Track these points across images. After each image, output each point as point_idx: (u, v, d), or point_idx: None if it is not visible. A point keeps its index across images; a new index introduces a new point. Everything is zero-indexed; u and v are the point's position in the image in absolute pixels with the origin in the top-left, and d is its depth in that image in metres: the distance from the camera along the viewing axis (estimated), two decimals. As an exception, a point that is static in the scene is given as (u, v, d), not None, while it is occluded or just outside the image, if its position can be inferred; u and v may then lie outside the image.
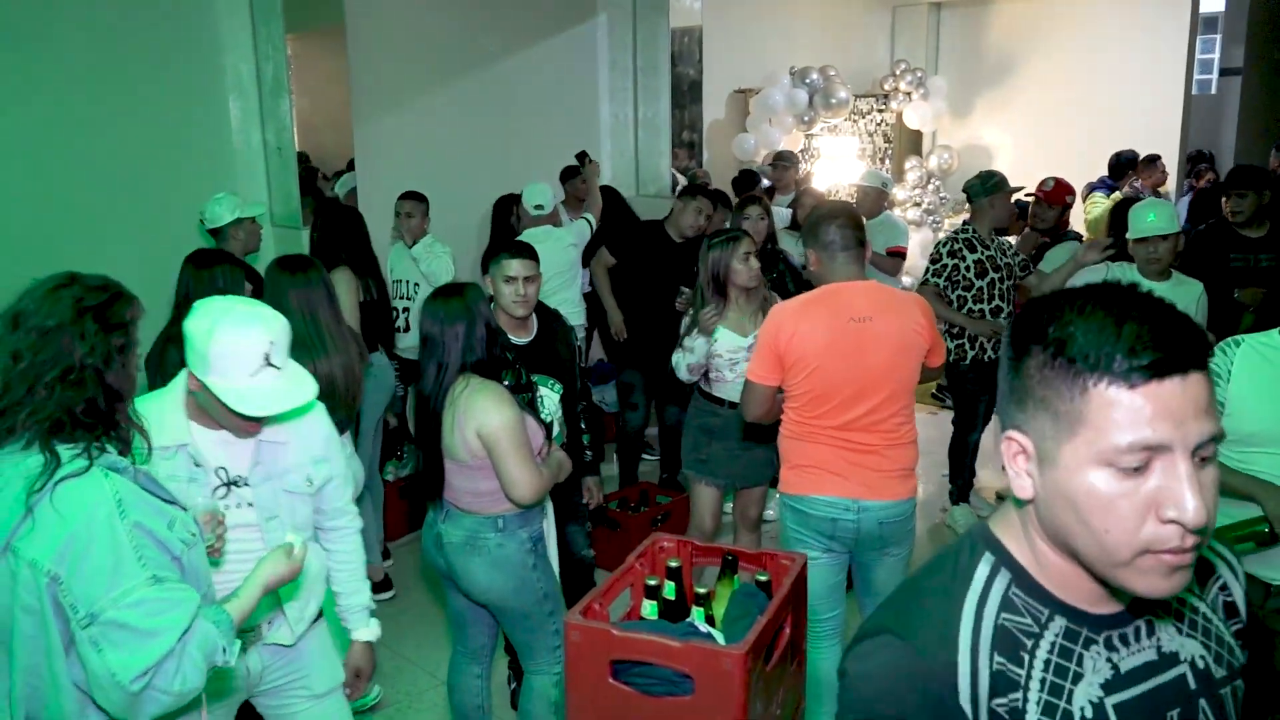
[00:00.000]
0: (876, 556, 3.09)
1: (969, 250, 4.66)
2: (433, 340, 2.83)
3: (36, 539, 1.66)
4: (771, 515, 5.26)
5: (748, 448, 3.89)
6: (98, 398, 1.75)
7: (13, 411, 1.72)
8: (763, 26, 8.92)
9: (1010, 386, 1.06)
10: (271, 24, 5.51)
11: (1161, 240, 3.92)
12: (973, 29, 10.23)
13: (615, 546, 4.39)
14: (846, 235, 2.97)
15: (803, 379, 2.96)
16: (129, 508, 1.70)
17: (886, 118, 9.68)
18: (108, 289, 1.83)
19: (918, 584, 1.17)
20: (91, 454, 1.73)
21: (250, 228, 4.59)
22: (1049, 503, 1.03)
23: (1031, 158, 9.33)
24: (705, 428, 3.94)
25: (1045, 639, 1.07)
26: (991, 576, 1.11)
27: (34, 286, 1.82)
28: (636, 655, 2.41)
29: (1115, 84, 9.14)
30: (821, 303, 2.98)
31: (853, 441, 2.96)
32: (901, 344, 2.95)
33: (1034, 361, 1.02)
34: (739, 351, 3.79)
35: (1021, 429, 1.05)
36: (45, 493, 1.67)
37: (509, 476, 2.71)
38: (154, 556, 1.71)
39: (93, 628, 1.64)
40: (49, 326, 1.74)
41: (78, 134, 4.91)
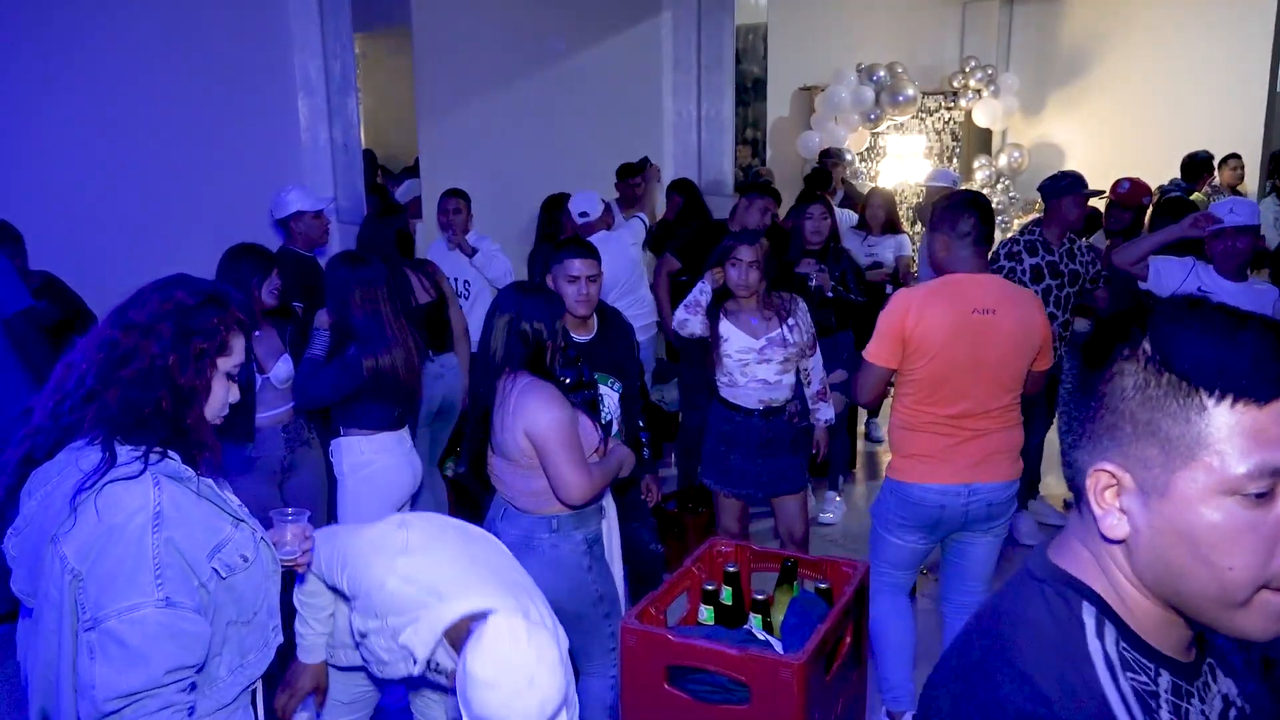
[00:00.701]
0: (980, 535, 3.16)
1: (1029, 254, 4.52)
2: (491, 325, 2.85)
3: (73, 535, 1.65)
4: (830, 518, 5.20)
5: (769, 456, 3.77)
6: (165, 400, 1.72)
7: (86, 402, 1.72)
8: (829, 23, 8.82)
9: (1094, 413, 0.94)
10: (340, 23, 5.57)
11: (1238, 234, 3.78)
12: (1045, 24, 10.01)
13: (673, 548, 4.37)
14: (981, 228, 3.02)
15: (922, 365, 2.99)
16: (167, 522, 1.67)
17: (955, 115, 9.51)
18: (204, 294, 1.80)
19: (1018, 647, 0.97)
20: (149, 459, 1.70)
21: (312, 221, 4.60)
22: (1154, 541, 0.91)
23: (1105, 157, 9.11)
24: (723, 436, 3.82)
25: (1162, 698, 0.96)
26: (1100, 630, 0.96)
27: (147, 285, 1.82)
28: (693, 661, 2.39)
29: (1194, 80, 8.88)
30: (947, 291, 3.01)
31: (966, 428, 3.02)
32: (1020, 339, 3.01)
33: (1129, 381, 0.91)
34: (749, 354, 3.69)
35: (1113, 460, 0.92)
36: (92, 491, 1.65)
37: (557, 477, 2.70)
38: (175, 578, 1.67)
39: (92, 633, 1.63)
40: (134, 324, 1.73)
41: (149, 131, 5.01)
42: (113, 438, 1.70)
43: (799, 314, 3.76)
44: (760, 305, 3.73)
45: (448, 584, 2.03)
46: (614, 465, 2.94)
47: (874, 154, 8.91)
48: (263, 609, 1.87)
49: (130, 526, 1.64)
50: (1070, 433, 0.99)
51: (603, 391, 3.36)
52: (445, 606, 1.99)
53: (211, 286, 1.83)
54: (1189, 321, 0.89)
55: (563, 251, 3.37)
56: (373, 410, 3.43)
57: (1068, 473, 1.01)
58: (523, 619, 1.94)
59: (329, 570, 2.22)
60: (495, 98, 6.47)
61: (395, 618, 2.07)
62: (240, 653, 1.84)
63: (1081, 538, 1.00)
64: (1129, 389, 0.91)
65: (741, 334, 3.71)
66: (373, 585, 2.07)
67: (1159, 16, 9.17)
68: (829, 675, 2.51)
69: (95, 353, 1.74)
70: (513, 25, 6.53)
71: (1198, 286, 3.82)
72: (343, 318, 3.38)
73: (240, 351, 1.84)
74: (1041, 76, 9.93)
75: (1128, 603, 0.97)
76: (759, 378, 3.72)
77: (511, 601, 2.02)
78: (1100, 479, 0.93)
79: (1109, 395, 0.93)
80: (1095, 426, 0.94)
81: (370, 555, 2.11)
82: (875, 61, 8.70)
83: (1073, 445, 0.98)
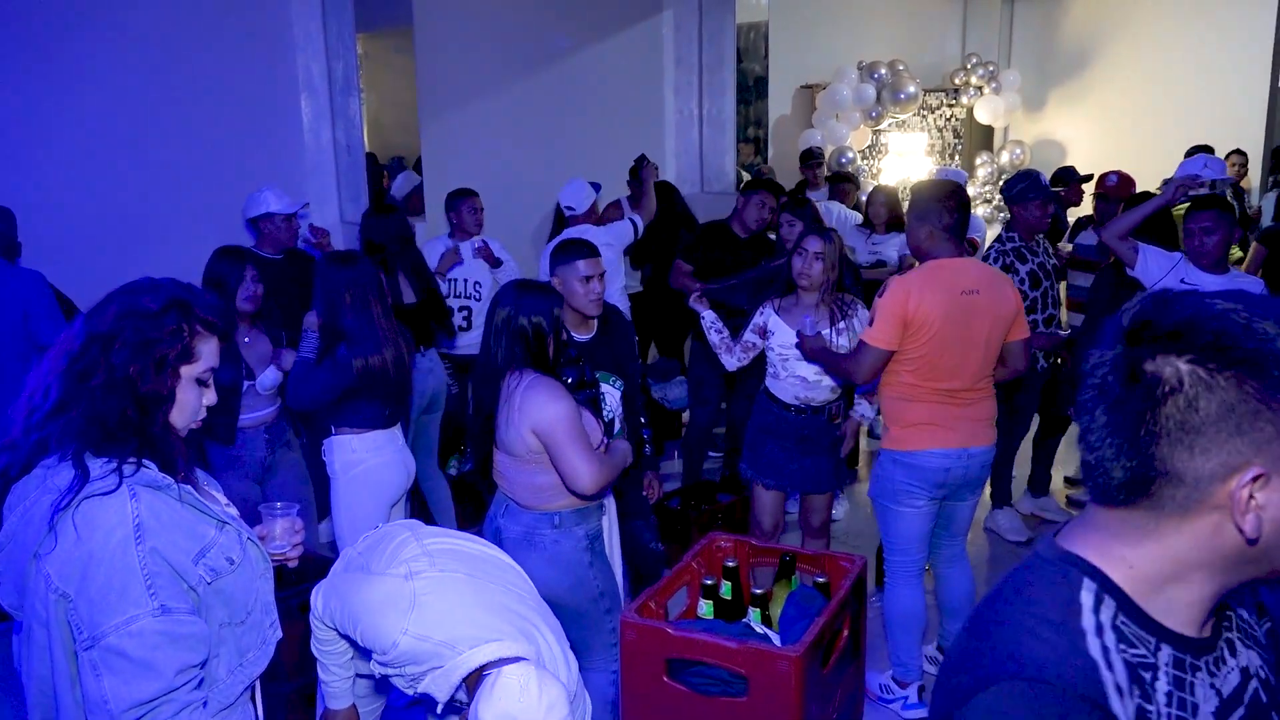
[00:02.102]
0: (966, 495, 3.47)
1: (1020, 261, 4.51)
2: (490, 324, 2.86)
3: (55, 554, 1.64)
4: (838, 517, 5.22)
5: (807, 453, 3.84)
6: (130, 410, 1.69)
7: (53, 417, 1.69)
8: (830, 21, 8.84)
9: (1213, 417, 0.93)
10: (342, 23, 5.59)
11: (1206, 234, 3.79)
12: (1047, 21, 10.01)
13: (675, 544, 4.38)
14: (963, 218, 3.31)
15: (922, 343, 3.21)
16: (148, 532, 1.65)
17: (957, 112, 9.52)
18: (167, 299, 1.74)
19: (1008, 617, 1.03)
20: (123, 471, 1.67)
21: (281, 224, 4.56)
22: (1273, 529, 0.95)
23: (1107, 153, 9.11)
24: (763, 427, 3.89)
25: (1160, 671, 1.00)
26: (1097, 604, 1.00)
27: (114, 291, 1.78)
28: (692, 655, 2.41)
29: (1196, 76, 8.88)
30: (938, 275, 3.25)
31: (958, 397, 3.29)
32: (1001, 314, 3.30)
33: (1249, 385, 0.92)
34: (790, 349, 3.72)
35: (1255, 461, 0.93)
36: (69, 509, 1.63)
37: (569, 468, 2.71)
38: (166, 586, 1.66)
39: (93, 651, 1.63)
40: (96, 334, 1.70)
41: (150, 131, 5.03)
42: (83, 452, 1.67)
43: (856, 318, 3.77)
44: (818, 302, 3.75)
45: (462, 638, 2.05)
46: (620, 457, 2.96)
47: (876, 151, 8.92)
48: (256, 608, 1.87)
49: (112, 544, 1.63)
50: (1131, 444, 0.97)
51: (605, 390, 3.37)
52: (461, 659, 2.03)
53: (176, 290, 1.78)
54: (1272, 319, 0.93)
55: (569, 254, 3.37)
56: (364, 409, 3.43)
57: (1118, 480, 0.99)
58: (534, 669, 1.99)
59: (341, 626, 2.22)
60: (497, 97, 6.50)
61: (412, 668, 2.10)
62: (239, 652, 1.84)
63: (1116, 532, 1.02)
64: (1243, 398, 0.92)
65: (787, 329, 3.74)
66: (387, 644, 2.08)
67: (1160, 12, 9.17)
68: (826, 667, 2.53)
69: (59, 364, 1.71)
70: (514, 24, 6.55)
71: (1181, 279, 3.84)
72: (332, 319, 3.37)
73: (210, 356, 1.79)
74: (1043, 73, 9.94)
75: (1152, 582, 1.01)
76: (798, 374, 3.75)
77: (524, 645, 2.06)
78: (1245, 491, 0.93)
79: (1227, 399, 0.93)
80: (1218, 431, 0.93)
81: (380, 615, 2.11)
82: (877, 59, 8.71)
83: (1168, 455, 0.96)
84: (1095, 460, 1.00)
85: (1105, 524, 1.03)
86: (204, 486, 1.90)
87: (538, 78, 6.71)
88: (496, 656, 2.02)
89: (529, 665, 2.00)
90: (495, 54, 6.48)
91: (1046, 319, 4.59)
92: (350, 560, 2.37)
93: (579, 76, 6.94)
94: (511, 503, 2.92)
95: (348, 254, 3.64)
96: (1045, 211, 4.55)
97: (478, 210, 5.20)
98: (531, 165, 6.50)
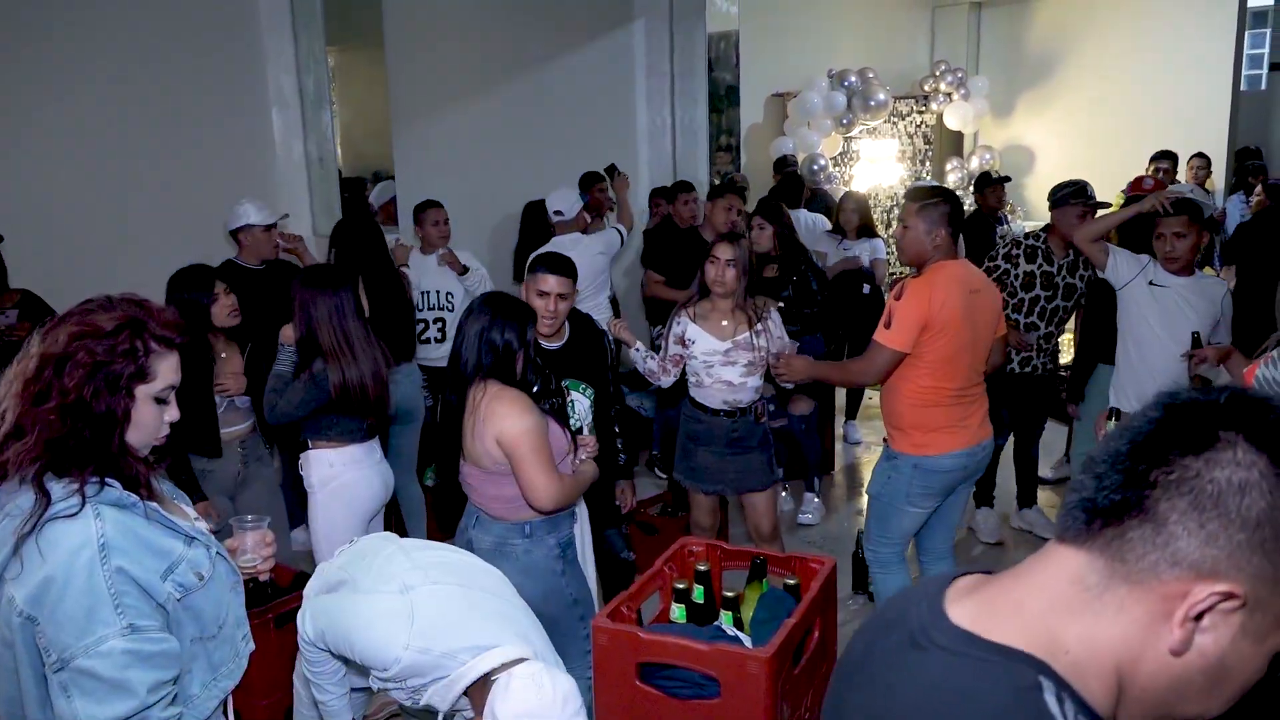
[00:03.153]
0: (964, 490, 3.63)
1: (1027, 260, 4.51)
2: (462, 333, 2.88)
3: (20, 578, 1.63)
4: (809, 519, 5.25)
5: (738, 453, 3.84)
6: (85, 431, 1.67)
7: (9, 441, 1.66)
8: (800, 29, 8.91)
9: (1217, 513, 0.83)
10: (313, 37, 5.61)
11: (1178, 238, 3.85)
12: (1014, 28, 10.14)
13: (650, 550, 4.40)
14: (961, 218, 3.51)
15: (941, 344, 3.31)
16: (113, 551, 1.65)
17: (927, 119, 9.61)
18: (122, 318, 1.72)
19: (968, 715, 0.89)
20: (85, 492, 1.66)
21: (261, 235, 4.56)
22: (1197, 665, 0.87)
23: (1075, 157, 9.23)
24: (691, 434, 3.90)
25: None
26: (1062, 708, 0.87)
27: (71, 310, 1.76)
28: (663, 658, 2.44)
29: (1161, 81, 9.01)
30: (948, 276, 3.34)
31: (966, 395, 3.42)
32: (996, 311, 3.52)
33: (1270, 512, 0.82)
34: (714, 355, 3.75)
35: (1238, 582, 0.83)
36: (34, 533, 1.62)
37: (528, 482, 2.74)
38: (134, 604, 1.66)
39: (63, 673, 1.62)
40: (49, 355, 1.68)
41: (120, 146, 5.03)
42: (43, 475, 1.66)
43: (771, 321, 3.80)
44: (734, 307, 3.77)
45: (463, 647, 2.07)
46: (585, 479, 2.98)
47: (847, 158, 9.00)
48: (228, 621, 1.87)
49: (77, 565, 1.62)
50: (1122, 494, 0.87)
51: (574, 398, 3.39)
52: (465, 669, 2.04)
53: (131, 308, 1.75)
54: None
55: (539, 264, 3.38)
56: (341, 423, 3.42)
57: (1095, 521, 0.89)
58: (542, 665, 2.03)
59: (335, 647, 2.21)
60: (469, 108, 6.52)
61: (415, 681, 2.10)
62: (211, 667, 1.84)
63: (1041, 611, 0.92)
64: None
65: (709, 336, 3.76)
66: (388, 661, 2.08)
67: (1124, 18, 9.29)
68: (798, 668, 2.56)
69: (14, 387, 1.69)
70: (485, 35, 6.58)
71: (1149, 281, 3.91)
72: (309, 333, 3.35)
73: (168, 373, 1.76)
74: (1011, 79, 10.05)
75: (1073, 667, 0.90)
76: (723, 379, 3.77)
77: (525, 647, 2.09)
78: (1208, 599, 0.84)
79: (1250, 508, 0.83)
80: (1213, 530, 0.83)
81: (378, 632, 2.11)
82: (846, 67, 8.79)
83: (1174, 524, 0.84)
84: (1092, 476, 0.89)
85: (1044, 583, 0.92)
86: (171, 501, 1.89)
87: (510, 88, 6.74)
88: (500, 662, 2.04)
89: (536, 663, 2.03)
90: (467, 65, 6.51)
91: (1028, 325, 4.60)
92: (329, 578, 2.36)
93: (551, 86, 6.97)
94: (482, 513, 2.93)
95: (324, 268, 3.64)
96: (1083, 222, 4.37)
97: (439, 222, 5.21)
98: (505, 175, 6.52)
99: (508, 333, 2.84)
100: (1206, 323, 3.84)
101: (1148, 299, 3.91)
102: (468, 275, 5.15)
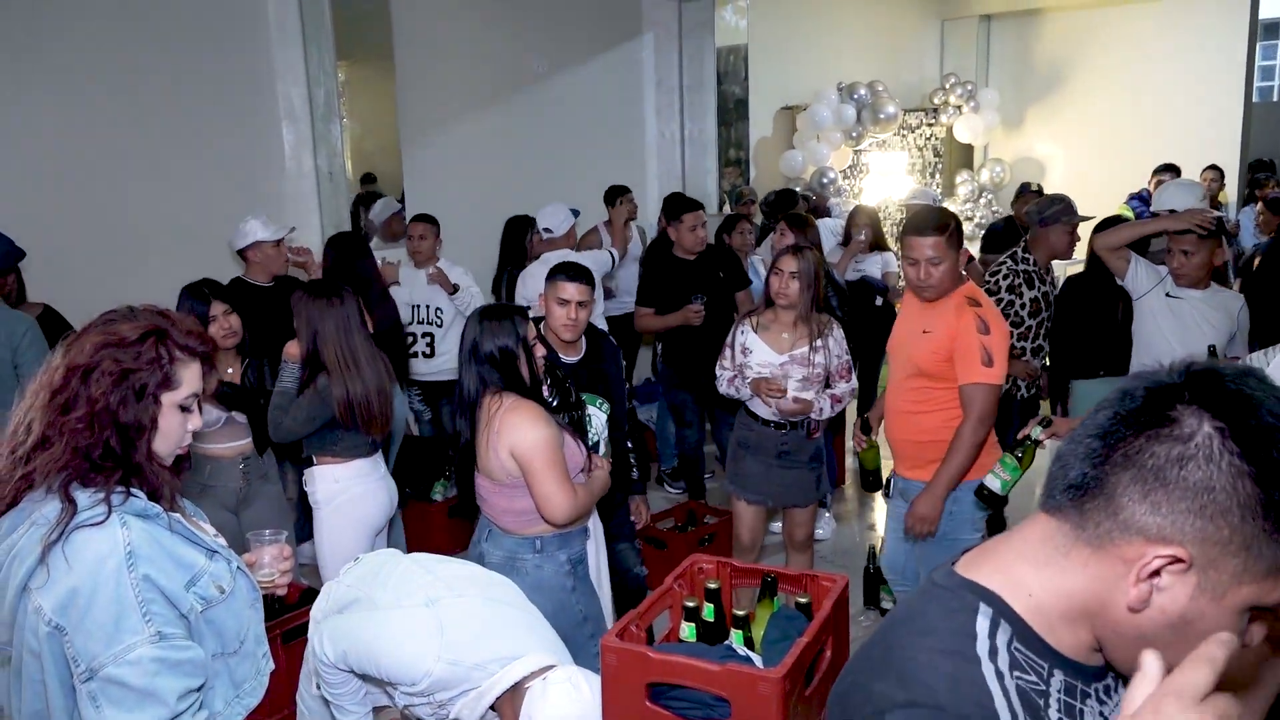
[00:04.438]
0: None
1: (1028, 286, 4.42)
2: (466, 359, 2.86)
3: (47, 586, 1.63)
4: (821, 534, 5.21)
5: (787, 467, 3.85)
6: (113, 440, 1.68)
7: (36, 451, 1.67)
8: (809, 43, 8.91)
9: (1175, 483, 0.90)
10: (323, 50, 5.62)
11: (1188, 257, 3.83)
12: (1024, 40, 10.13)
13: (660, 565, 4.37)
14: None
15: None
16: (140, 560, 1.65)
17: (936, 132, 9.60)
18: (145, 327, 1.74)
19: (907, 646, 1.02)
20: (111, 501, 1.66)
21: (270, 251, 4.56)
22: (1159, 621, 0.93)
23: (1085, 169, 9.21)
24: (742, 442, 3.91)
25: (1052, 696, 1.00)
26: (993, 630, 1.00)
27: (94, 320, 1.77)
28: (673, 678, 2.40)
29: (1172, 93, 8.99)
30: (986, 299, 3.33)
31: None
32: None
33: (1244, 486, 0.89)
34: (769, 367, 3.75)
35: (1187, 547, 0.90)
36: (60, 541, 1.62)
37: (543, 495, 2.72)
38: (161, 612, 1.65)
39: (92, 683, 1.62)
40: (75, 366, 1.69)
41: (130, 160, 5.03)
42: (69, 484, 1.66)
43: (832, 339, 3.78)
44: (796, 320, 3.76)
45: (492, 658, 2.06)
46: (598, 487, 2.96)
47: (857, 171, 8.98)
48: (249, 638, 1.86)
49: (104, 573, 1.62)
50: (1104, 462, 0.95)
51: (591, 412, 3.37)
52: (495, 679, 2.03)
53: (154, 318, 1.77)
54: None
55: (557, 272, 3.37)
56: (346, 438, 3.41)
57: (1071, 492, 0.98)
58: (574, 669, 2.04)
59: (358, 666, 2.19)
60: (479, 122, 6.52)
61: (443, 694, 2.09)
62: (234, 684, 1.83)
63: (1022, 552, 1.03)
64: (1243, 494, 0.89)
65: (766, 347, 3.77)
66: (418, 675, 2.06)
67: (1135, 30, 9.28)
68: (809, 689, 2.52)
69: (41, 398, 1.70)
70: (495, 49, 6.58)
71: (1165, 293, 3.88)
72: (314, 349, 3.34)
73: (192, 381, 1.78)
74: (1020, 91, 10.04)
75: (1049, 616, 1.00)
76: None
77: (549, 654, 2.08)
78: (1156, 560, 0.92)
79: (1206, 480, 0.90)
80: (1171, 498, 0.91)
81: (407, 648, 2.09)
82: (856, 80, 8.79)
83: (1116, 488, 0.94)
84: (1066, 453, 1.00)
85: (1020, 541, 1.04)
86: (191, 517, 1.89)
87: (519, 102, 6.75)
88: (529, 670, 2.03)
89: (570, 666, 2.02)
90: (476, 79, 6.52)
91: (1034, 349, 4.55)
92: (339, 598, 2.33)
93: (560, 100, 6.97)
94: (494, 527, 2.92)
95: (328, 283, 3.62)
96: (1072, 239, 4.46)
97: (417, 237, 5.18)
98: (513, 189, 6.51)
99: (500, 339, 2.82)
100: (1223, 336, 3.82)
101: (1164, 310, 3.88)
102: (457, 294, 5.14)
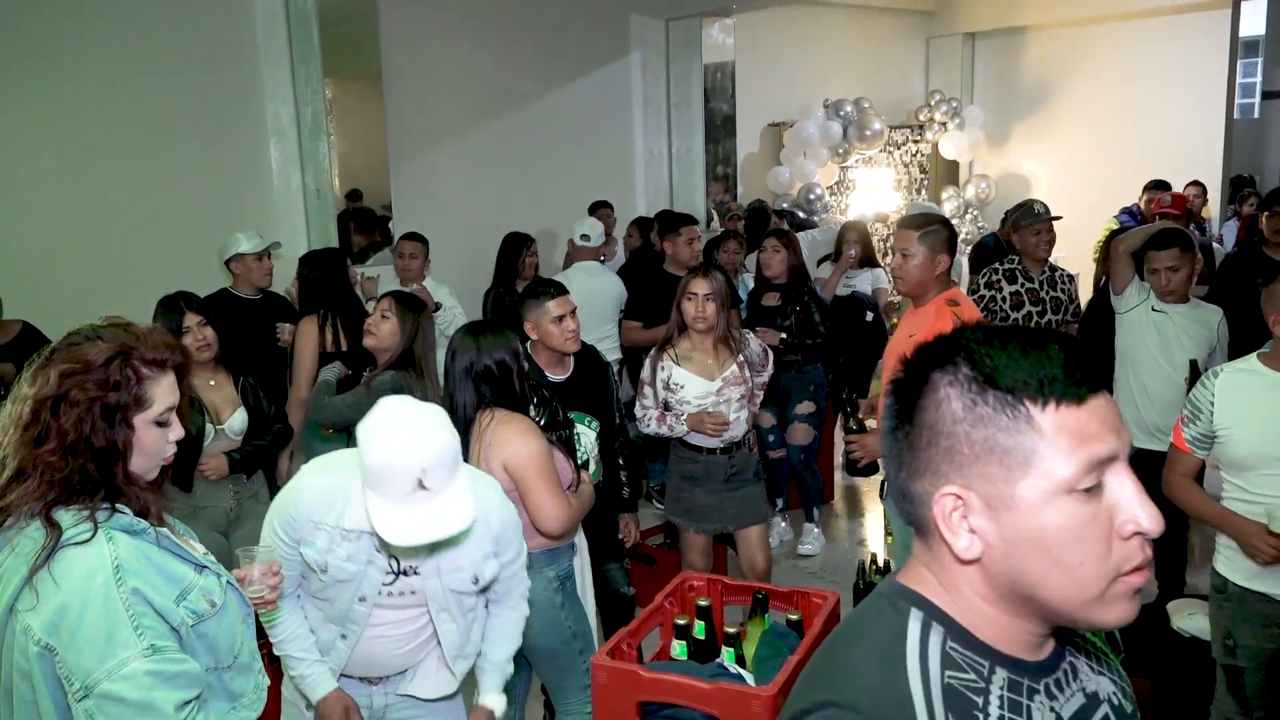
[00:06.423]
0: None
1: (1008, 282, 4.58)
2: (451, 376, 2.85)
3: (38, 609, 1.60)
4: (810, 550, 5.21)
5: (734, 487, 3.77)
6: (88, 466, 1.66)
7: (13, 483, 1.65)
8: (796, 60, 8.97)
9: (925, 442, 0.98)
10: (310, 69, 5.63)
11: (1172, 272, 3.88)
12: (1008, 58, 10.20)
13: (649, 582, 4.36)
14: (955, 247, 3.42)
15: None
16: (128, 573, 1.63)
17: (922, 148, 9.66)
18: (112, 347, 1.70)
19: (841, 651, 1.05)
20: (96, 518, 1.65)
21: (253, 263, 4.54)
22: (1008, 554, 0.95)
23: (1070, 185, 9.27)
24: (687, 475, 3.78)
25: (993, 693, 1.00)
26: (925, 633, 1.01)
27: (57, 343, 1.73)
28: (664, 697, 2.40)
29: (1154, 109, 9.06)
30: (969, 304, 3.31)
31: None
32: None
33: (956, 405, 0.95)
34: (708, 397, 3.65)
35: (955, 483, 0.96)
36: (47, 563, 1.60)
37: (537, 506, 2.71)
38: (152, 625, 1.64)
39: (88, 700, 1.59)
40: (44, 398, 1.65)
41: (118, 176, 5.03)
42: (50, 509, 1.64)
43: (749, 349, 3.74)
44: (714, 343, 3.67)
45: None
46: (585, 500, 2.96)
47: (843, 187, 9.03)
48: (243, 651, 1.84)
49: (93, 588, 1.60)
50: (900, 468, 1.01)
51: (580, 430, 3.36)
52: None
53: (119, 336, 1.73)
54: (1003, 342, 0.96)
55: (534, 297, 3.36)
56: None
57: (905, 508, 1.03)
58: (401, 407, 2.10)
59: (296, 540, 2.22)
60: (467, 140, 6.54)
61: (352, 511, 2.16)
62: (230, 697, 1.81)
63: (925, 562, 1.05)
64: (958, 412, 0.95)
65: (696, 378, 3.66)
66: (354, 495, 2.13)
67: (1117, 47, 9.36)
68: (801, 706, 2.52)
69: (12, 434, 1.67)
70: (483, 68, 6.60)
71: (1151, 307, 3.96)
72: (408, 350, 3.54)
73: (166, 395, 1.74)
74: (1005, 108, 10.11)
75: (973, 611, 1.02)
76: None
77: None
78: (947, 503, 0.97)
79: (939, 422, 0.97)
80: (930, 454, 0.98)
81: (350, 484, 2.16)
82: (842, 97, 8.84)
83: (908, 479, 1.01)
84: (903, 494, 1.04)
85: (922, 553, 1.06)
86: (179, 534, 1.87)
87: (507, 120, 6.77)
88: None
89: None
90: (464, 97, 6.53)
91: None
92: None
93: (548, 118, 7.00)
94: (483, 545, 2.90)
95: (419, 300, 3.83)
96: (1040, 239, 4.58)
97: (407, 255, 5.15)
98: (502, 207, 6.53)
99: (497, 354, 2.81)
100: (1203, 349, 3.87)
101: (1149, 325, 3.94)
102: (439, 313, 5.12)
